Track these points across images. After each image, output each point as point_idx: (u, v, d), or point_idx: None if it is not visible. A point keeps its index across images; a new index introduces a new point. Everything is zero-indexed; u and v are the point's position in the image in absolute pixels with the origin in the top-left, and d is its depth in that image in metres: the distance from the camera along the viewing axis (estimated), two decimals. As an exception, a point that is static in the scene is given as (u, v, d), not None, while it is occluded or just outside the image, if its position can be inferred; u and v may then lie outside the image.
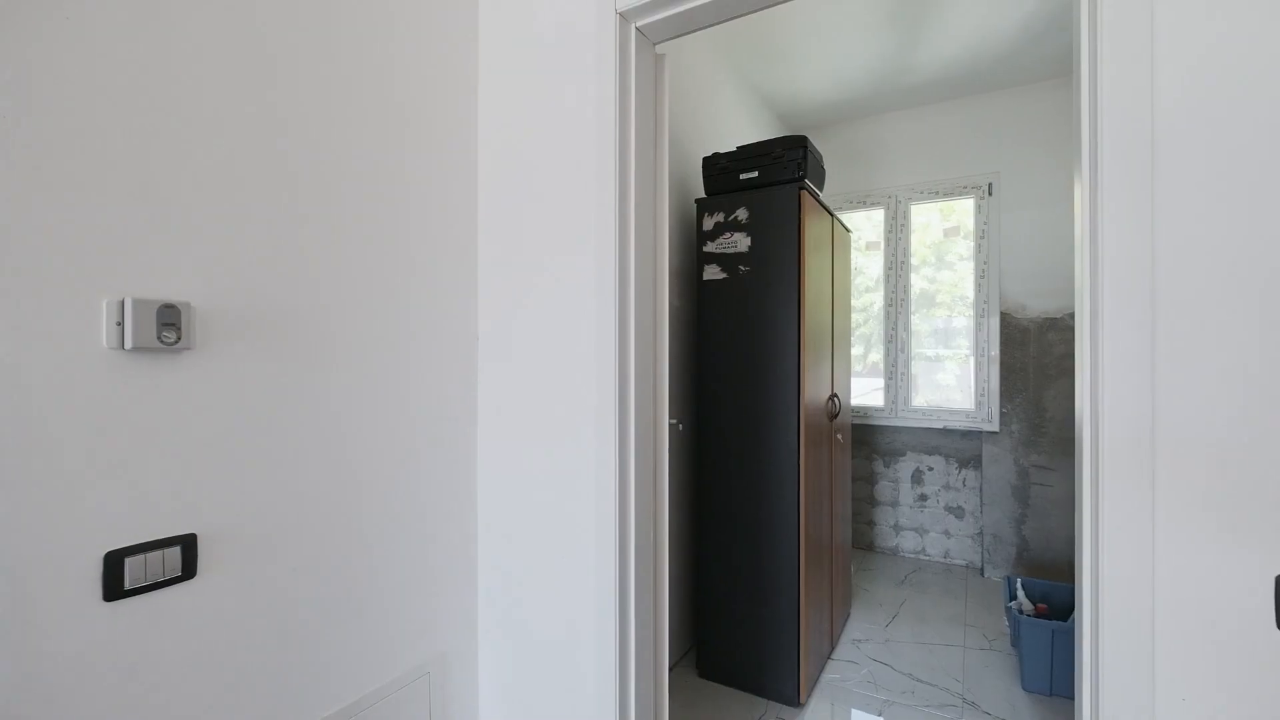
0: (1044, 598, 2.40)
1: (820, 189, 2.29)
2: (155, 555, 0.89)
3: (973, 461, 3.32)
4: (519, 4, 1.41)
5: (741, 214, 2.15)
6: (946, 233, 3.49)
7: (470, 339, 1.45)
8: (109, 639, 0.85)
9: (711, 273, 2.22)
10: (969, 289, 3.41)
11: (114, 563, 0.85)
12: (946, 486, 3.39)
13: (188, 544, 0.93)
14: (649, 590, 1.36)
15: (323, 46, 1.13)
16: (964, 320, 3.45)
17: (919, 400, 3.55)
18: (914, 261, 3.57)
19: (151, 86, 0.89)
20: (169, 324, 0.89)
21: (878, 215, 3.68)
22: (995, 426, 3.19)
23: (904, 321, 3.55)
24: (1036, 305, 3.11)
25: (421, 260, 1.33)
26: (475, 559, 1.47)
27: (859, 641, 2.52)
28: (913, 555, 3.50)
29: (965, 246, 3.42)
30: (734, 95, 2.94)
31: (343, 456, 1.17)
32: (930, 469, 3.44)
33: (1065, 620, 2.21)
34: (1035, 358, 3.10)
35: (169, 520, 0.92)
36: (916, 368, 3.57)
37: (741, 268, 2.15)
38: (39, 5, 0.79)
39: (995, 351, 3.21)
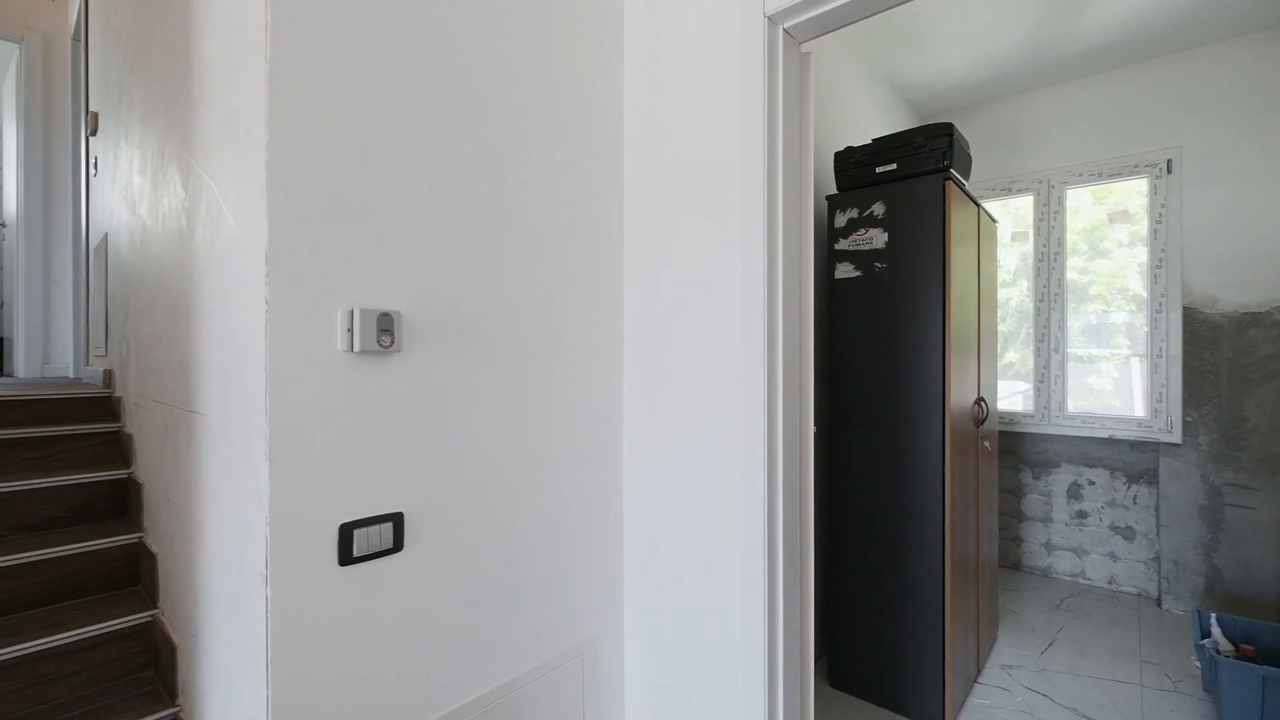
0: (1248, 638, 2.07)
1: (966, 178, 2.14)
2: (374, 529, 1.04)
3: (1146, 476, 2.92)
4: (664, 10, 1.46)
5: (878, 209, 2.06)
6: (1112, 218, 3.10)
7: (616, 341, 1.52)
8: (341, 597, 1.00)
9: (844, 271, 2.15)
10: (1131, 280, 3.02)
11: (346, 534, 1.00)
12: (1112, 504, 3.02)
13: (397, 521, 1.07)
14: (795, 593, 1.35)
15: (492, 72, 1.25)
16: (1123, 315, 3.06)
17: (1072, 405, 3.19)
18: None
19: (369, 145, 1.04)
20: (385, 330, 1.03)
21: (1018, 203, 3.36)
22: (1177, 438, 2.79)
23: (1058, 318, 3.21)
24: (1231, 298, 2.68)
25: (573, 268, 1.42)
26: (620, 552, 1.54)
27: (1009, 667, 2.32)
28: (1068, 578, 3.15)
29: (1125, 232, 3.03)
30: (861, 85, 2.82)
31: (512, 449, 1.28)
32: (1091, 483, 3.08)
33: (1279, 665, 1.89)
34: (1230, 359, 2.67)
35: (382, 499, 1.06)
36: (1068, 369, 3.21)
37: (878, 265, 2.06)
38: (305, 83, 0.95)
39: (1176, 351, 2.81)
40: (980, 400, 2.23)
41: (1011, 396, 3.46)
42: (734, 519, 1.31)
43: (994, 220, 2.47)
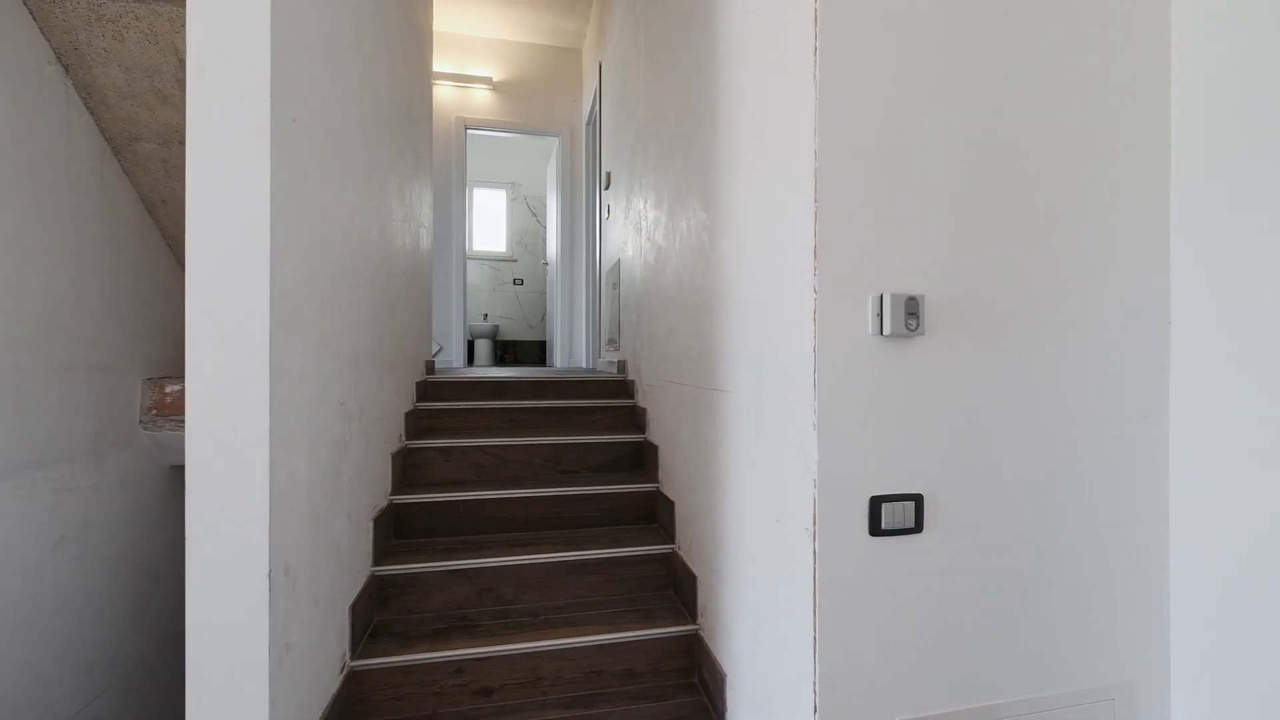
0: None
1: None
2: (898, 506, 1.08)
3: None
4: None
5: None
6: None
7: (1158, 328, 1.22)
8: (872, 564, 1.08)
9: None
10: None
11: (875, 506, 1.07)
12: None
13: (918, 502, 1.09)
14: None
15: (1020, 65, 1.15)
16: None
17: None
18: None
19: (895, 146, 1.08)
20: (911, 313, 1.06)
21: None
22: None
23: None
24: None
25: (1102, 253, 1.19)
26: (1165, 583, 1.22)
27: None
28: None
29: None
30: None
31: (1031, 443, 1.15)
32: None
33: None
34: None
35: (903, 479, 1.09)
36: None
37: None
38: (844, 98, 1.06)
39: None
40: None
41: None
42: None
43: None
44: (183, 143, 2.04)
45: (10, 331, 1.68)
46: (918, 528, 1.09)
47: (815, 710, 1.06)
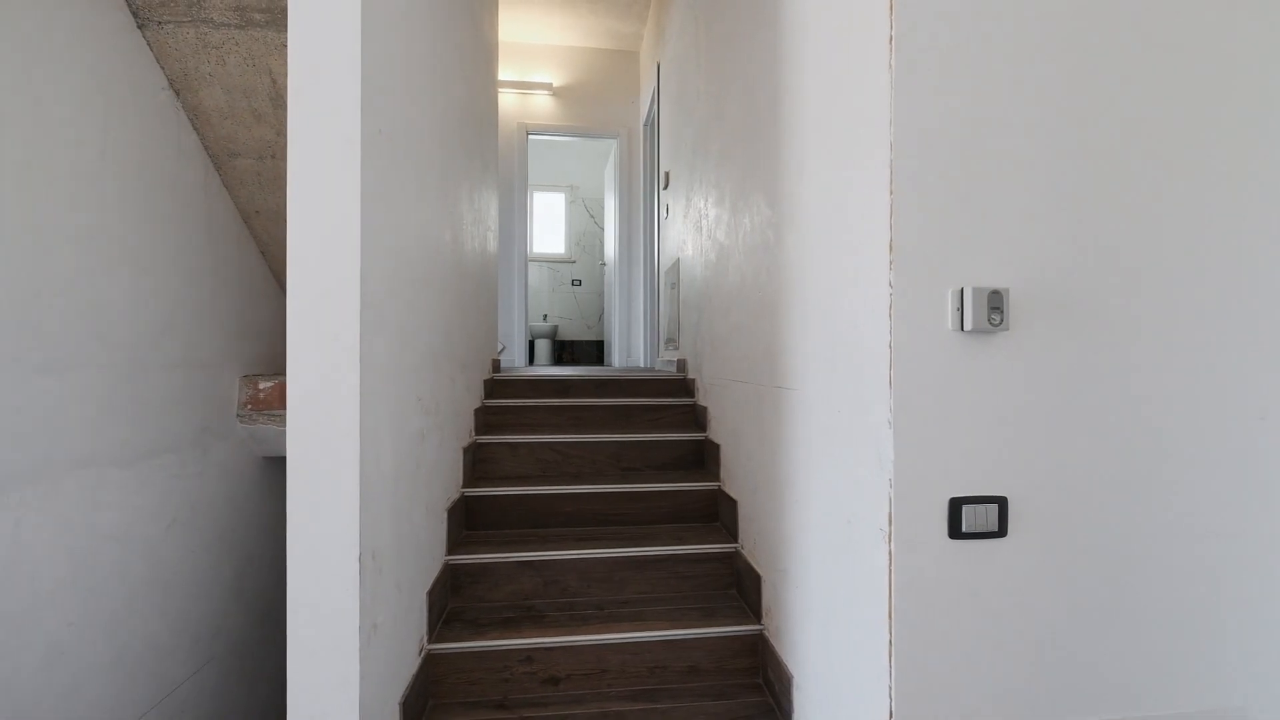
0: None
1: None
2: (979, 509, 1.03)
3: None
4: None
5: None
6: None
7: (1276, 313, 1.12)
8: (951, 568, 1.04)
9: None
10: None
11: (955, 507, 1.03)
12: None
13: (1001, 505, 1.04)
14: None
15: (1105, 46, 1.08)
16: None
17: None
18: None
19: (980, 135, 1.04)
20: (995, 308, 1.02)
21: None
22: None
23: None
24: None
25: (1213, 228, 1.10)
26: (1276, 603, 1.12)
27: None
28: None
29: None
30: None
31: (1129, 446, 1.08)
32: None
33: None
34: None
35: (985, 481, 1.05)
36: None
37: None
38: (921, 89, 1.03)
39: None
40: None
41: None
42: None
43: None
44: (275, 157, 2.20)
45: (133, 332, 1.86)
46: (1001, 532, 1.05)
47: (891, 717, 1.03)
